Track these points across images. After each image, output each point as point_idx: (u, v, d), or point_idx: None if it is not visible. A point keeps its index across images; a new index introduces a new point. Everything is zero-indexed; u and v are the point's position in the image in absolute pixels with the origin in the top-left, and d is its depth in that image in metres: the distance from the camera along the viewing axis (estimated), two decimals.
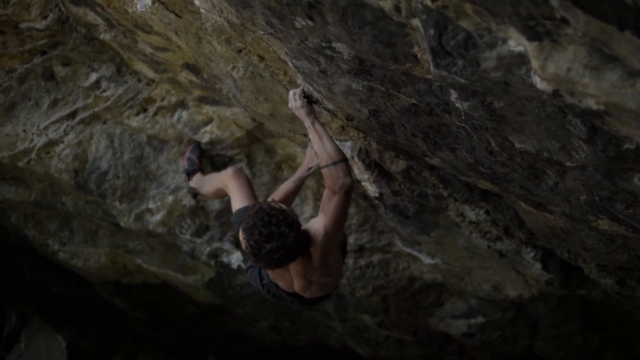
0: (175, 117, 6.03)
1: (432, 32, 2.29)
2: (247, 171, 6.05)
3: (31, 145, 6.18)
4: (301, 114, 3.92)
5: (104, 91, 6.01)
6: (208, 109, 5.89)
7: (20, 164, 6.29)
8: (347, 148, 4.73)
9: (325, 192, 3.92)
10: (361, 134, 4.46)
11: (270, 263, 3.85)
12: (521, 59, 2.15)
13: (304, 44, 3.04)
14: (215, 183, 5.53)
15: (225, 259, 6.82)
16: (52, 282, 8.54)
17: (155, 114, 6.04)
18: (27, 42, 5.82)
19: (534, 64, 2.09)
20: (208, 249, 6.71)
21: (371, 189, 4.98)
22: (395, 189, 4.82)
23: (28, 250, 7.75)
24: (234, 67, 4.28)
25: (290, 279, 4.29)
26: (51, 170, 6.27)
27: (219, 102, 5.62)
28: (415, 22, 2.38)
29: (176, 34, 4.34)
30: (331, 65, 3.13)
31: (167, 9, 3.97)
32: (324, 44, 2.91)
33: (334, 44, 2.87)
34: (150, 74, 5.81)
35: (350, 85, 3.23)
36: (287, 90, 4.11)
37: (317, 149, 3.87)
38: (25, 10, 5.60)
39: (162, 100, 5.97)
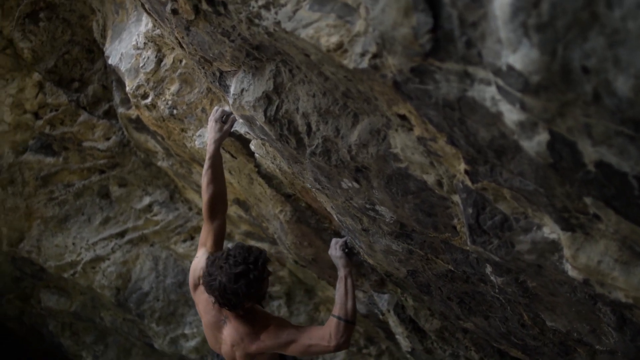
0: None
1: (470, 210, 2.37)
2: (284, 309, 6.10)
3: (78, 259, 6.35)
4: (339, 263, 3.97)
5: (155, 215, 6.21)
6: (253, 244, 5.99)
7: (66, 275, 6.44)
8: (384, 301, 4.77)
9: (321, 331, 3.86)
10: (399, 289, 4.50)
11: (208, 279, 3.75)
12: (554, 246, 2.21)
13: (349, 203, 3.14)
14: None
15: None
16: None
17: None
18: (87, 159, 6.08)
19: (566, 252, 2.15)
20: None
21: (404, 343, 4.97)
22: (428, 347, 4.80)
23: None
24: (281, 211, 4.41)
25: (221, 338, 4.15)
26: (94, 285, 6.40)
27: (264, 239, 5.74)
28: (456, 198, 2.46)
29: (229, 172, 4.50)
30: (373, 225, 3.22)
31: (224, 148, 4.14)
32: (367, 206, 3.01)
33: (377, 207, 2.97)
34: (201, 204, 5.98)
35: (391, 246, 3.31)
36: (331, 238, 4.19)
37: (339, 299, 3.89)
38: (90, 130, 5.87)
39: None
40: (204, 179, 3.99)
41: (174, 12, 2.84)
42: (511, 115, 1.73)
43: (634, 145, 1.56)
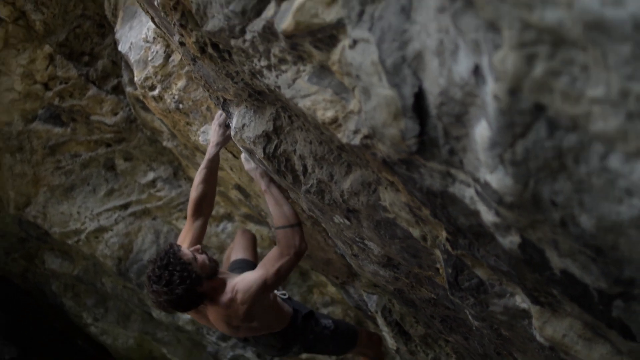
0: (221, 227, 6.29)
1: (450, 270, 2.51)
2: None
3: (82, 227, 6.51)
4: (256, 175, 3.89)
5: (159, 191, 6.33)
6: (252, 226, 6.13)
7: (69, 242, 6.61)
8: (373, 302, 4.91)
9: (275, 250, 3.84)
10: (386, 295, 4.64)
11: (154, 302, 3.79)
12: (525, 314, 2.36)
13: (341, 233, 3.28)
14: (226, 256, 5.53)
15: None
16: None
17: None
18: (95, 132, 6.19)
19: (535, 323, 2.29)
20: (231, 353, 6.87)
21: (390, 342, 5.13)
22: (412, 349, 4.96)
23: (61, 316, 8.04)
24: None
25: (208, 322, 4.21)
26: (97, 254, 6.57)
27: (262, 222, 5.86)
28: (438, 252, 2.60)
29: (231, 169, 4.62)
30: (362, 253, 3.36)
31: (226, 148, 4.25)
32: (357, 239, 3.15)
33: (366, 242, 3.11)
34: None
35: (378, 271, 3.45)
36: (325, 240, 4.30)
37: (273, 210, 3.87)
38: (99, 104, 5.97)
39: None
40: (197, 177, 4.04)
41: (182, 44, 2.93)
42: (487, 215, 1.85)
43: (595, 265, 1.68)
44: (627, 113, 1.24)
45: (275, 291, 4.39)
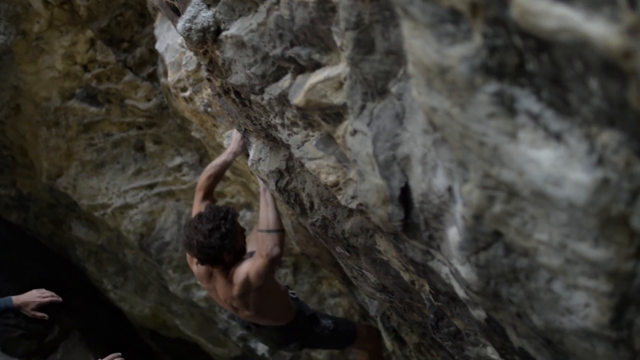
0: (240, 215, 6.52)
1: (432, 316, 2.78)
2: (290, 277, 6.49)
3: (109, 202, 6.78)
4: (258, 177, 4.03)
5: (184, 175, 6.56)
6: None
7: (96, 214, 6.89)
8: (374, 307, 5.16)
9: (257, 251, 4.06)
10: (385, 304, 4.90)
11: (187, 236, 4.06)
12: None
13: (342, 258, 3.54)
14: None
15: (252, 345, 7.20)
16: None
17: None
18: (127, 115, 6.43)
19: None
20: (240, 332, 7.13)
21: (387, 344, 5.38)
22: (406, 354, 5.18)
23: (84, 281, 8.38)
24: (292, 214, 4.78)
25: (217, 297, 4.47)
26: (121, 228, 6.84)
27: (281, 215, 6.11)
28: (424, 296, 2.86)
29: (251, 172, 4.87)
30: (361, 277, 3.62)
31: (245, 157, 4.49)
32: (356, 267, 3.41)
33: (364, 271, 3.36)
34: (228, 173, 6.34)
35: (375, 293, 3.71)
36: None
37: (261, 213, 4.12)
38: (133, 90, 6.21)
39: (232, 197, 6.43)
40: (209, 170, 4.36)
41: (209, 80, 3.18)
42: (459, 291, 2.11)
43: (546, 350, 1.94)
44: (565, 258, 1.48)
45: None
